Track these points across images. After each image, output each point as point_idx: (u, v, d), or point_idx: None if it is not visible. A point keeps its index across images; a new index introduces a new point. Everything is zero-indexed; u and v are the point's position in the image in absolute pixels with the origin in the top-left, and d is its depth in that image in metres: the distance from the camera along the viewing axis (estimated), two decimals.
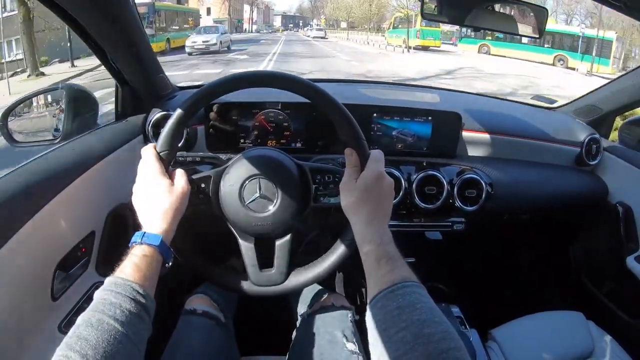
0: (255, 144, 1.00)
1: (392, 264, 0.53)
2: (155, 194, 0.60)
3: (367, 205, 0.60)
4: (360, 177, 0.62)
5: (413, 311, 0.46)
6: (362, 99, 1.04)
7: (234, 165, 0.69)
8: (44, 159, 0.77)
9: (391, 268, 0.52)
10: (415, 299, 0.48)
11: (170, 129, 0.63)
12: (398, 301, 0.48)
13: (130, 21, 0.84)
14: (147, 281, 0.52)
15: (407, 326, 0.45)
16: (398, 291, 0.49)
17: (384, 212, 0.61)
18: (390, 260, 0.54)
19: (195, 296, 0.89)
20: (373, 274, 0.54)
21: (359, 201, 0.61)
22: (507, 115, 1.19)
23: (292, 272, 0.72)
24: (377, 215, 0.60)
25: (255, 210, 0.67)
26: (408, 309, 0.47)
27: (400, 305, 0.47)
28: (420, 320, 0.45)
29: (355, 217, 0.61)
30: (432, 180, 0.98)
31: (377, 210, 0.60)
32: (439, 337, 0.43)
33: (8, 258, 0.59)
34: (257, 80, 0.65)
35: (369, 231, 0.58)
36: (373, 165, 0.62)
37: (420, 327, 0.45)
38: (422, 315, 0.46)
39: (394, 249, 0.56)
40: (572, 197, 1.18)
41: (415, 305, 0.47)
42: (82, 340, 0.42)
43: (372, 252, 0.55)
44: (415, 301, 0.48)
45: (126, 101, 0.99)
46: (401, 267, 0.53)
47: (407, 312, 0.46)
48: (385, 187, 0.62)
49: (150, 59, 0.96)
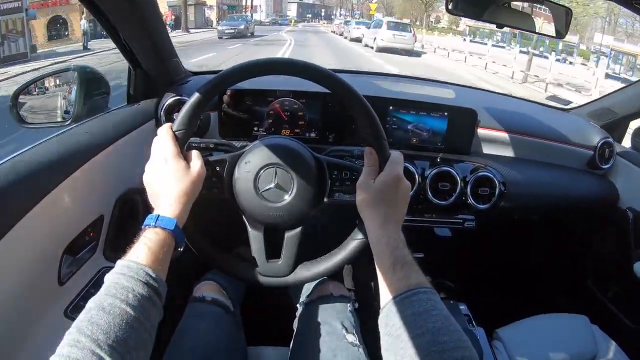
0: (269, 132, 0.98)
1: (407, 269, 0.53)
2: (171, 176, 0.58)
3: (382, 207, 0.59)
4: (379, 178, 0.61)
5: (428, 318, 0.47)
6: (378, 92, 1.03)
7: (251, 152, 0.68)
8: (54, 141, 0.76)
9: (406, 273, 0.52)
10: (430, 306, 0.48)
11: (189, 109, 0.61)
12: (414, 307, 0.48)
13: (147, 3, 0.82)
14: (160, 265, 0.51)
15: (423, 333, 0.45)
16: (413, 297, 0.49)
17: (399, 215, 0.61)
18: (406, 265, 0.53)
19: (204, 283, 0.89)
20: (387, 278, 0.53)
21: (375, 202, 0.60)
22: (522, 114, 1.18)
23: (299, 265, 0.71)
24: (392, 218, 0.59)
25: (268, 200, 0.67)
26: (424, 315, 0.47)
27: (415, 312, 0.47)
28: (435, 328, 0.45)
29: (370, 217, 0.60)
30: (446, 177, 0.97)
31: (392, 213, 0.59)
32: (454, 346, 0.44)
33: (16, 241, 0.58)
34: (278, 68, 0.64)
35: (383, 233, 0.57)
36: (392, 167, 0.61)
37: (435, 335, 0.45)
38: (437, 323, 0.46)
39: (409, 253, 0.55)
40: (583, 200, 1.18)
41: (430, 313, 0.47)
42: (94, 325, 0.42)
43: (387, 255, 0.55)
44: (431, 308, 0.48)
45: (139, 85, 0.98)
46: (416, 272, 0.53)
47: (423, 319, 0.47)
48: (402, 190, 0.61)
49: (165, 43, 0.94)
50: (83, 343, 0.40)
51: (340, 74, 0.65)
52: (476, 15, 0.94)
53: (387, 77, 1.21)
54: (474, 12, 0.94)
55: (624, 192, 1.18)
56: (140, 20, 0.84)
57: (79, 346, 0.40)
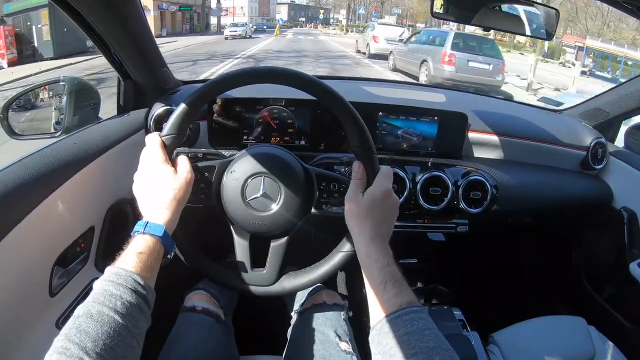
0: (259, 140, 0.98)
1: (398, 287, 0.52)
2: (158, 182, 0.58)
3: (371, 221, 0.59)
4: (368, 192, 0.61)
5: (422, 338, 0.46)
6: (367, 97, 1.03)
7: (240, 160, 0.68)
8: (44, 152, 0.76)
9: (397, 292, 0.52)
10: (422, 325, 0.48)
11: (178, 115, 0.62)
12: (407, 327, 0.48)
13: (134, 14, 0.82)
14: (149, 272, 0.51)
15: (416, 353, 0.45)
16: (406, 316, 0.49)
17: (387, 229, 0.61)
18: (397, 283, 0.53)
19: (195, 292, 0.88)
20: (378, 295, 0.53)
21: (364, 216, 0.60)
22: (514, 117, 1.18)
23: (284, 275, 0.71)
24: (380, 233, 0.59)
25: (255, 208, 0.67)
26: (417, 335, 0.47)
27: (409, 331, 0.47)
28: (429, 348, 0.45)
29: (358, 230, 0.60)
30: (437, 181, 0.97)
31: (380, 227, 0.59)
32: None
33: (6, 253, 0.58)
34: (267, 76, 0.64)
35: (372, 249, 0.57)
36: (382, 182, 0.61)
37: (429, 355, 0.45)
38: (430, 343, 0.46)
39: (398, 271, 0.55)
40: (576, 201, 1.17)
41: (423, 332, 0.47)
42: (82, 333, 0.42)
43: (377, 272, 0.54)
44: (423, 327, 0.48)
45: (128, 95, 0.98)
46: (406, 290, 0.52)
47: (416, 339, 0.46)
48: (391, 205, 0.61)
49: (154, 53, 0.94)
50: (71, 350, 0.40)
51: (328, 80, 0.66)
52: (465, 19, 0.94)
53: (376, 82, 1.20)
54: (463, 16, 0.94)
55: (618, 192, 1.18)
56: (128, 32, 0.84)
57: (67, 353, 0.40)
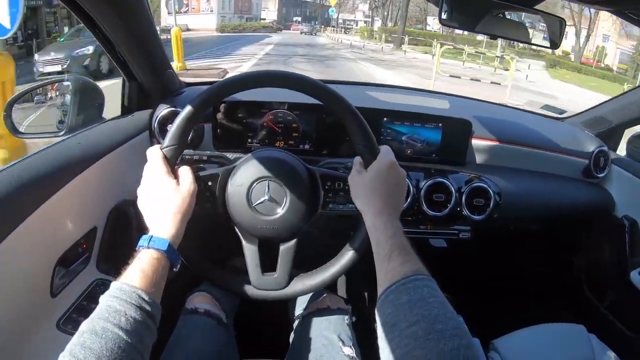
0: (263, 144, 0.99)
1: (403, 256, 0.52)
2: (162, 196, 0.59)
3: (378, 194, 0.59)
4: (371, 167, 0.62)
5: (425, 305, 0.46)
6: (372, 103, 1.03)
7: (243, 165, 0.68)
8: (47, 152, 0.76)
9: (403, 260, 0.52)
10: (427, 293, 0.47)
11: (179, 124, 0.62)
12: (409, 295, 0.47)
13: (141, 14, 0.82)
14: (154, 287, 0.51)
15: (418, 321, 0.44)
16: (409, 284, 0.48)
17: (396, 202, 0.61)
18: (402, 252, 0.53)
19: (197, 294, 0.88)
20: (384, 266, 0.53)
21: (370, 190, 0.60)
22: (517, 124, 1.18)
23: (295, 277, 0.71)
24: (389, 205, 0.59)
25: (262, 213, 0.67)
26: (420, 303, 0.46)
27: (411, 299, 0.46)
28: (432, 315, 0.44)
29: (366, 205, 0.60)
30: (441, 188, 0.97)
31: (388, 200, 0.59)
32: (450, 334, 0.43)
33: (8, 252, 0.58)
34: (269, 80, 0.64)
35: (380, 221, 0.57)
36: (385, 155, 0.62)
37: (432, 323, 0.44)
38: (433, 310, 0.45)
39: (406, 241, 0.55)
40: (578, 210, 1.18)
41: (427, 300, 0.46)
42: (86, 349, 0.42)
43: (384, 243, 0.54)
44: (427, 295, 0.47)
45: (133, 96, 0.98)
46: (413, 259, 0.52)
47: (419, 307, 0.46)
48: (397, 177, 0.61)
49: (160, 54, 0.95)
50: None
51: (333, 84, 0.66)
52: (470, 26, 0.94)
53: (380, 87, 1.21)
54: (467, 23, 0.93)
55: (620, 200, 1.19)
56: (135, 33, 0.84)
57: None
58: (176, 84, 1.07)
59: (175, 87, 1.07)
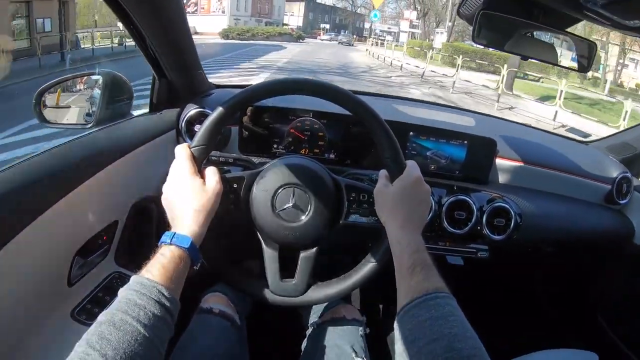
0: (289, 150, 0.99)
1: (426, 272, 0.52)
2: (186, 194, 0.59)
3: (402, 209, 0.60)
4: (397, 182, 0.62)
5: (445, 323, 0.46)
6: (399, 116, 1.03)
7: (270, 171, 0.68)
8: (77, 142, 0.77)
9: (425, 277, 0.52)
10: (447, 311, 0.47)
11: (209, 125, 0.62)
12: (430, 312, 0.47)
13: (177, 14, 0.83)
14: (173, 284, 0.51)
15: (438, 338, 0.44)
16: (431, 301, 0.48)
17: (420, 218, 0.61)
18: (425, 268, 0.53)
19: (213, 294, 0.88)
20: (405, 281, 0.53)
21: (394, 204, 0.61)
22: (541, 146, 1.17)
23: (312, 285, 0.71)
24: (413, 220, 0.60)
25: (285, 219, 0.67)
26: (440, 320, 0.46)
27: (432, 316, 0.47)
28: (452, 334, 0.45)
29: (390, 219, 0.61)
30: (463, 205, 0.96)
31: (413, 215, 0.60)
32: (469, 354, 0.43)
33: (31, 239, 0.58)
34: (303, 88, 0.65)
35: (403, 235, 0.58)
36: (411, 170, 0.63)
37: (451, 341, 0.44)
38: (453, 329, 0.45)
39: (429, 257, 0.55)
40: (597, 235, 1.16)
41: (447, 318, 0.46)
42: (104, 340, 0.42)
43: (407, 257, 0.55)
44: (448, 313, 0.47)
45: (162, 94, 0.99)
46: (435, 276, 0.52)
47: (439, 324, 0.46)
48: (422, 193, 0.62)
49: (192, 54, 0.96)
50: (92, 357, 0.41)
51: (362, 96, 0.66)
52: (499, 45, 0.93)
53: (408, 101, 1.20)
54: (496, 42, 0.93)
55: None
56: (170, 32, 0.85)
57: (87, 359, 0.40)
58: (206, 85, 1.08)
59: (204, 88, 1.08)
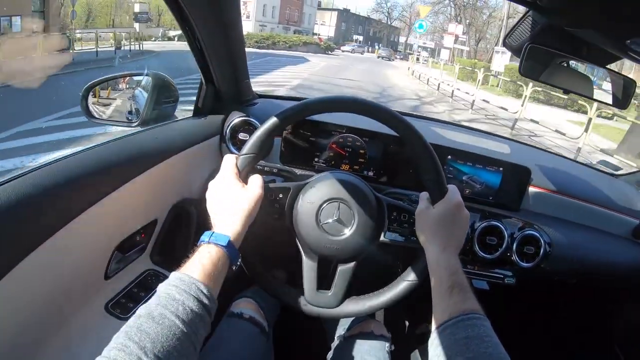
0: (329, 165, 1.00)
1: (464, 294, 0.55)
2: (229, 197, 0.61)
3: (443, 232, 0.63)
4: (438, 205, 0.65)
5: (480, 343, 0.48)
6: (438, 139, 1.04)
7: (317, 184, 0.70)
8: (125, 141, 0.79)
9: (463, 298, 0.54)
10: (483, 332, 0.50)
11: (260, 135, 0.65)
12: (467, 331, 0.50)
13: (235, 21, 0.86)
14: (212, 282, 0.52)
15: (474, 357, 0.47)
16: (468, 321, 0.51)
17: (458, 241, 0.64)
18: (463, 290, 0.56)
19: (244, 299, 0.90)
20: (444, 300, 0.56)
21: (436, 227, 0.63)
22: (574, 177, 1.17)
23: (347, 299, 0.72)
24: (451, 243, 0.62)
25: (328, 232, 0.68)
26: (476, 340, 0.49)
27: (469, 336, 0.49)
28: (487, 354, 0.47)
29: (431, 241, 0.63)
30: (494, 231, 0.97)
31: (452, 238, 0.63)
32: None
33: (75, 231, 0.60)
34: (353, 107, 0.66)
35: (443, 258, 0.60)
36: (452, 195, 0.65)
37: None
38: (488, 349, 0.48)
39: (466, 279, 0.58)
40: (623, 269, 1.15)
41: (483, 338, 0.49)
42: (142, 333, 0.43)
43: (446, 278, 0.57)
44: (483, 334, 0.50)
45: (207, 99, 1.01)
46: (472, 298, 0.55)
47: (475, 344, 0.48)
48: (462, 217, 0.65)
49: (242, 63, 0.98)
50: (130, 348, 0.42)
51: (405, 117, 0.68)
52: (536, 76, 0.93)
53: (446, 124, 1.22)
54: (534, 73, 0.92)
55: None
56: (226, 41, 0.88)
57: (126, 351, 0.41)
58: (250, 94, 1.11)
59: (249, 97, 1.10)
